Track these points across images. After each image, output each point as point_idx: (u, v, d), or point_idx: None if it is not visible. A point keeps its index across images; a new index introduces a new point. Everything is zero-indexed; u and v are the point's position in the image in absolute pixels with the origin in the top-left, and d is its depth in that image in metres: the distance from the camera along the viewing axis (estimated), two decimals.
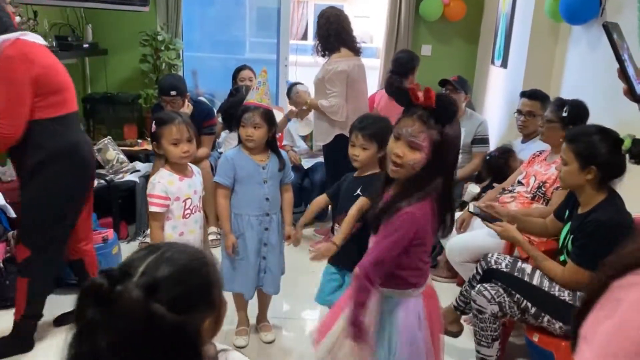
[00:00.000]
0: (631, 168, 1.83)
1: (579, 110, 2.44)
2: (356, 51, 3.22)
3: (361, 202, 1.97)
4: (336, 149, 3.18)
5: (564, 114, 2.41)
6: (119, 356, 0.80)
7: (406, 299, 1.61)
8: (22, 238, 2.24)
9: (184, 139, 2.05)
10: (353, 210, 1.96)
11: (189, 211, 2.10)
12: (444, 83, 3.50)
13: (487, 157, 3.20)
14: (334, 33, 3.13)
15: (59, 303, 2.49)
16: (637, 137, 1.81)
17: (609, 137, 1.83)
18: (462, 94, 3.48)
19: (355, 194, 2.03)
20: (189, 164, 2.18)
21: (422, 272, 1.63)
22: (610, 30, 1.32)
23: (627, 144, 1.75)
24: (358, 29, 3.27)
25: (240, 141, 2.28)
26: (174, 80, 3.39)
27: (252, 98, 2.23)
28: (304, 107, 3.47)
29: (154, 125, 2.09)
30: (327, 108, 3.16)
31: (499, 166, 3.05)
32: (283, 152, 2.37)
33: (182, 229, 2.09)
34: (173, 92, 3.28)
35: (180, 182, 2.08)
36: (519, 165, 3.03)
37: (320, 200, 2.23)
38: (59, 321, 2.52)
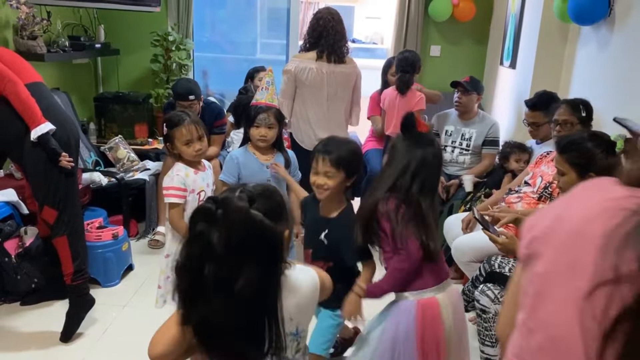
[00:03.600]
0: None
1: (590, 108, 2.46)
2: (330, 57, 3.05)
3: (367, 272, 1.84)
4: (292, 147, 3.14)
5: (583, 114, 2.42)
6: (227, 253, 1.04)
7: (402, 300, 1.67)
8: (45, 201, 2.37)
9: (194, 138, 2.12)
10: (365, 272, 1.83)
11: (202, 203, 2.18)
12: (455, 85, 3.51)
13: (508, 142, 3.26)
14: (316, 37, 3.05)
15: None
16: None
17: (602, 141, 1.81)
18: (473, 95, 3.47)
19: (319, 238, 1.88)
20: (203, 160, 2.25)
21: (418, 277, 1.65)
22: (620, 121, 1.70)
23: (619, 144, 1.75)
24: (369, 30, 3.26)
25: (246, 140, 2.31)
26: (189, 85, 3.44)
27: (262, 98, 2.26)
28: None
29: (164, 128, 2.16)
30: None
31: (504, 153, 3.17)
32: (290, 152, 2.40)
33: None
34: (192, 97, 3.34)
35: (195, 175, 2.16)
36: (516, 166, 3.08)
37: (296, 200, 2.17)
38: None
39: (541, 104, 2.86)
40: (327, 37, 3.02)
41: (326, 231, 1.86)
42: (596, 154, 1.80)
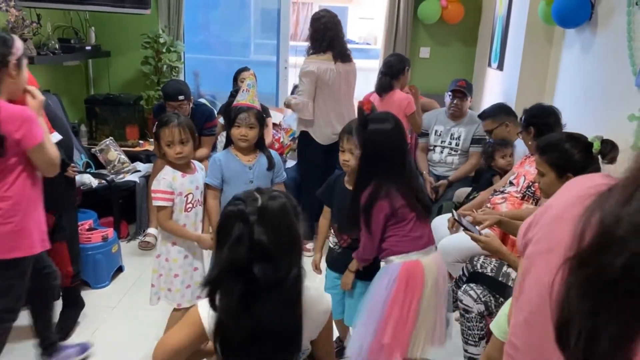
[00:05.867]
0: (606, 169, 1.86)
1: (532, 112, 2.59)
2: (342, 57, 3.26)
3: None
4: (301, 144, 3.50)
5: (522, 121, 2.60)
6: (275, 248, 1.08)
7: (389, 264, 1.92)
8: (45, 205, 2.36)
9: (176, 141, 2.13)
10: None
11: (190, 205, 2.20)
12: (454, 91, 3.58)
13: (487, 143, 3.41)
14: (328, 40, 3.20)
15: None
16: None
17: (579, 142, 1.84)
18: (468, 100, 3.61)
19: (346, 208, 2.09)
20: (192, 160, 2.27)
21: (405, 241, 1.92)
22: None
23: (596, 146, 1.78)
24: (363, 31, 3.33)
25: (229, 142, 2.34)
26: (179, 85, 3.45)
27: (243, 99, 2.29)
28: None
29: (155, 127, 2.20)
30: (294, 105, 3.33)
31: (487, 153, 3.29)
32: (273, 152, 2.42)
33: (184, 221, 2.19)
34: (181, 97, 3.34)
35: (182, 178, 2.18)
36: (503, 162, 3.15)
37: (325, 222, 2.28)
38: None
39: (485, 113, 3.22)
40: (338, 38, 3.25)
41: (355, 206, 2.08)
42: (573, 154, 1.83)
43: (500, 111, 3.17)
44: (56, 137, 2.34)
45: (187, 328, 1.18)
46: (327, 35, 3.20)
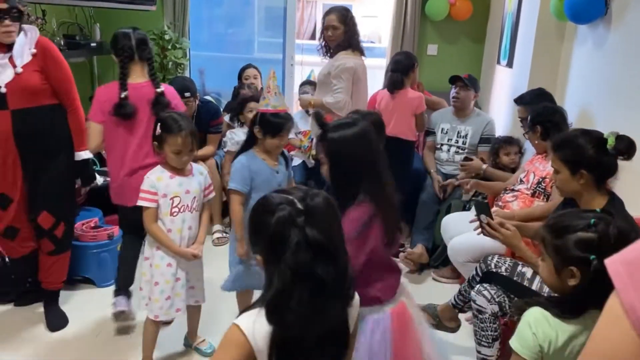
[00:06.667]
0: (624, 166, 1.82)
1: (538, 110, 2.55)
2: (362, 51, 3.23)
3: None
4: None
5: (528, 121, 2.55)
6: (334, 246, 1.07)
7: (372, 315, 1.64)
8: (63, 215, 2.48)
9: (186, 150, 2.05)
10: None
11: (176, 209, 2.09)
12: (454, 80, 3.50)
13: (497, 137, 3.34)
14: (358, 35, 3.17)
15: None
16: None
17: (593, 137, 1.80)
18: (471, 92, 3.49)
19: None
20: (192, 163, 2.17)
21: (384, 286, 1.65)
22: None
23: (610, 141, 1.74)
24: (366, 29, 3.29)
25: (250, 144, 2.23)
26: (185, 82, 3.43)
27: (280, 105, 2.17)
28: (310, 110, 3.49)
29: (158, 128, 2.07)
30: (333, 104, 3.11)
31: (493, 149, 3.24)
32: (284, 151, 2.38)
33: (170, 226, 2.09)
34: (187, 94, 3.30)
35: (170, 179, 2.08)
36: (507, 160, 3.11)
37: None
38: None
39: (526, 99, 2.94)
40: (358, 34, 3.21)
41: None
42: (587, 150, 1.78)
43: (539, 99, 2.85)
44: (88, 154, 2.45)
45: (233, 350, 1.08)
46: (356, 30, 3.16)
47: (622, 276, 0.61)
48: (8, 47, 2.19)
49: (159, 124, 2.08)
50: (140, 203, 2.06)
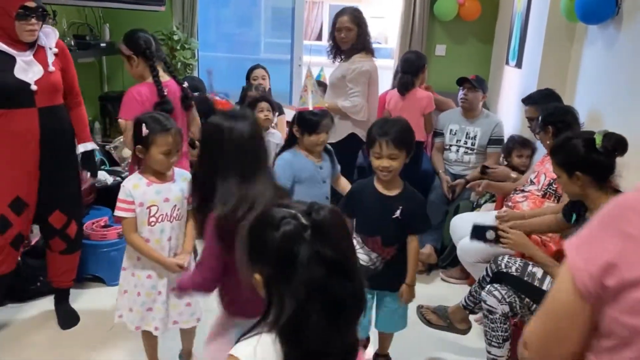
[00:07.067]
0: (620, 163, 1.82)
1: (549, 110, 2.54)
2: (373, 53, 3.21)
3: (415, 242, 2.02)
4: (347, 149, 3.11)
5: (539, 121, 2.52)
6: (345, 256, 0.97)
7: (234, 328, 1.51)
8: (74, 214, 2.52)
9: (174, 150, 1.95)
10: (414, 251, 2.03)
11: (154, 219, 1.96)
12: (461, 81, 3.50)
13: (512, 136, 3.30)
14: (370, 37, 3.15)
15: None
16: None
17: (583, 139, 1.82)
18: (479, 93, 3.48)
19: (394, 216, 1.95)
20: (175, 169, 2.05)
21: (240, 304, 1.47)
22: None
23: (597, 140, 1.75)
24: (373, 30, 3.27)
25: (290, 144, 2.27)
26: (194, 82, 3.47)
27: (317, 102, 2.20)
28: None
29: (145, 129, 1.90)
30: (350, 108, 3.08)
31: (508, 148, 3.21)
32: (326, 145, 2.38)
33: (148, 236, 1.97)
34: (196, 94, 3.32)
35: (147, 187, 1.94)
36: (518, 161, 3.10)
37: None
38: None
39: (534, 98, 2.92)
40: (370, 35, 3.18)
41: (400, 208, 1.94)
42: (578, 151, 1.80)
43: (548, 100, 2.83)
44: (92, 145, 2.53)
45: None
46: (368, 32, 3.14)
47: (572, 249, 0.78)
48: (29, 46, 2.21)
49: (142, 125, 1.91)
50: (117, 213, 1.95)
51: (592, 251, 0.75)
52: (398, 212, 1.94)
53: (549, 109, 2.59)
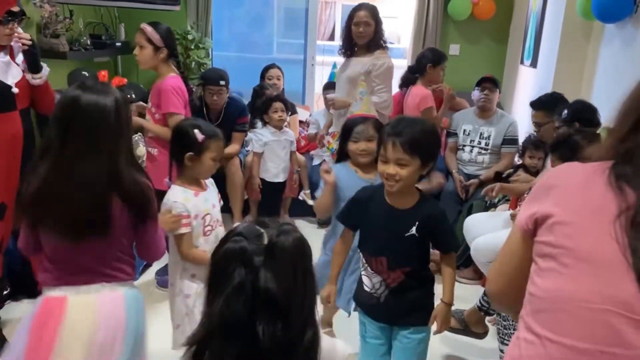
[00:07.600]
0: None
1: (577, 106, 2.48)
2: (387, 50, 3.22)
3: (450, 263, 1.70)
4: None
5: (565, 116, 2.43)
6: (282, 289, 0.85)
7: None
8: None
9: (220, 155, 1.94)
10: (450, 270, 1.71)
11: (209, 227, 1.91)
12: (482, 81, 3.48)
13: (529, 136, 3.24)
14: (383, 32, 3.13)
15: None
16: None
17: (587, 134, 1.82)
18: (497, 93, 3.51)
19: (408, 234, 1.59)
20: None
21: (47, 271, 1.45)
22: None
23: (603, 136, 1.74)
24: (386, 30, 3.25)
25: (344, 156, 2.08)
26: (220, 72, 3.51)
27: (357, 110, 2.14)
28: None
29: (200, 135, 1.84)
30: (380, 104, 3.01)
31: (523, 147, 3.15)
32: None
33: (204, 247, 1.89)
34: (222, 82, 3.38)
35: (195, 197, 1.88)
36: (529, 162, 3.08)
37: (341, 249, 1.79)
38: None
39: (542, 103, 2.89)
40: (384, 32, 3.14)
41: (417, 223, 1.58)
42: (583, 146, 1.80)
43: (557, 105, 2.71)
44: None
45: None
46: (383, 28, 3.13)
47: (522, 209, 0.98)
48: (2, 47, 2.17)
49: (195, 130, 1.84)
50: (180, 231, 1.82)
51: (530, 206, 0.96)
52: (414, 229, 1.58)
53: (577, 105, 2.52)
